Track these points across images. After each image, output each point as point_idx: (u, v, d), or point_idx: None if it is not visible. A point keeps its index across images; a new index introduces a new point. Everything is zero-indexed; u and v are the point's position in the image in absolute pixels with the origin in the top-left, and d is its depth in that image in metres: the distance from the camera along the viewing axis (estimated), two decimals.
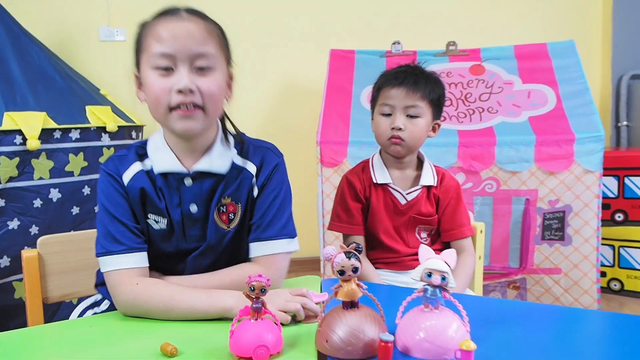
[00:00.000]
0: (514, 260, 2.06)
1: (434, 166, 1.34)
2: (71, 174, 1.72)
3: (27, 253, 1.13)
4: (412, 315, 0.71)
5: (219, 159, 0.94)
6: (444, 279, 0.68)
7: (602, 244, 2.39)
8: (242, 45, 2.77)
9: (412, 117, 1.26)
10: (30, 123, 1.58)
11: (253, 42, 2.77)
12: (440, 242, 1.34)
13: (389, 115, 1.27)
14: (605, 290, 2.42)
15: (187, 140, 0.92)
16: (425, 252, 0.71)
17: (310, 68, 2.81)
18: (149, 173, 0.92)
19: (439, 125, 1.33)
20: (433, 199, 1.31)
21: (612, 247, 2.40)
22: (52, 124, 1.65)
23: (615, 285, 2.42)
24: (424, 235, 1.32)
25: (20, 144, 1.58)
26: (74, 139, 1.72)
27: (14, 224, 1.59)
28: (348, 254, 0.69)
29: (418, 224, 1.31)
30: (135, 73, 0.93)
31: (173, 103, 0.86)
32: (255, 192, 0.96)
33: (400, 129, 1.24)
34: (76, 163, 1.74)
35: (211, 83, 0.87)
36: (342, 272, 0.69)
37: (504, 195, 2.02)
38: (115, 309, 0.89)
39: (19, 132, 1.57)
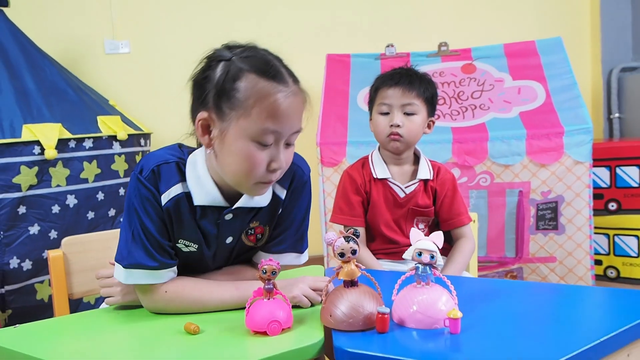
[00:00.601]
0: (510, 250, 2.14)
1: (430, 161, 1.43)
2: (86, 180, 1.82)
3: (53, 253, 1.23)
4: (406, 291, 0.80)
5: (262, 196, 0.93)
6: (432, 257, 0.77)
7: (597, 233, 2.47)
8: None
9: (408, 114, 1.35)
10: (48, 134, 1.68)
11: None
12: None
13: (387, 114, 1.36)
14: (602, 277, 2.50)
15: None
16: (415, 234, 0.80)
17: (307, 72, 2.87)
18: (189, 199, 0.90)
19: (433, 123, 1.42)
20: (430, 191, 1.40)
21: (607, 235, 2.48)
22: (67, 134, 1.75)
23: (611, 272, 2.50)
24: (421, 226, 1.41)
25: (39, 154, 1.67)
26: (87, 147, 1.82)
27: (34, 229, 1.68)
28: (347, 238, 0.78)
29: (416, 216, 1.40)
30: (205, 117, 0.86)
31: (265, 179, 0.86)
32: (280, 210, 0.98)
33: (398, 125, 1.34)
34: (90, 170, 1.83)
35: (292, 154, 0.90)
36: (342, 254, 0.78)
37: (498, 188, 2.11)
38: None
39: (37, 142, 1.67)
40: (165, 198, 0.89)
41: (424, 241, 0.78)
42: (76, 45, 2.71)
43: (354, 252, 0.78)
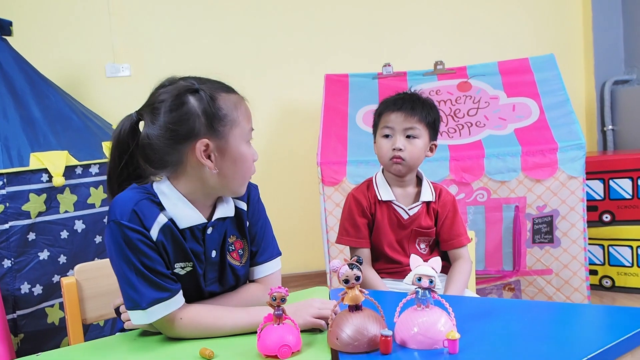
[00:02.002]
0: (507, 264, 2.19)
1: (432, 183, 1.48)
2: (93, 206, 1.86)
3: (66, 280, 1.27)
4: (407, 314, 0.85)
5: (229, 204, 1.04)
6: (431, 281, 0.82)
7: (592, 244, 2.53)
8: (240, 73, 2.95)
9: (410, 138, 1.41)
10: (55, 162, 1.73)
11: (250, 68, 2.93)
12: (438, 252, 1.48)
13: (390, 137, 1.42)
14: (598, 287, 2.55)
15: (215, 195, 1.01)
16: (414, 260, 0.85)
17: (306, 92, 2.96)
18: (174, 225, 0.95)
19: (435, 146, 1.48)
20: (432, 213, 1.45)
21: (602, 246, 2.54)
22: (74, 161, 1.80)
23: (606, 282, 2.55)
24: (423, 246, 1.46)
25: (47, 181, 1.72)
26: (93, 173, 1.87)
27: (44, 255, 1.73)
28: (351, 266, 0.83)
29: (418, 236, 1.45)
30: (206, 143, 0.94)
31: (253, 171, 1.03)
32: (247, 224, 1.07)
33: (400, 149, 1.39)
34: (97, 196, 1.88)
35: None
36: (346, 281, 0.83)
37: (494, 203, 2.16)
38: None
39: (45, 170, 1.72)
40: (154, 232, 0.93)
41: (423, 267, 0.83)
42: (78, 71, 2.78)
43: (357, 278, 0.83)
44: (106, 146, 1.98)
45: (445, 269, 1.47)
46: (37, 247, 1.72)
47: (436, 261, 0.85)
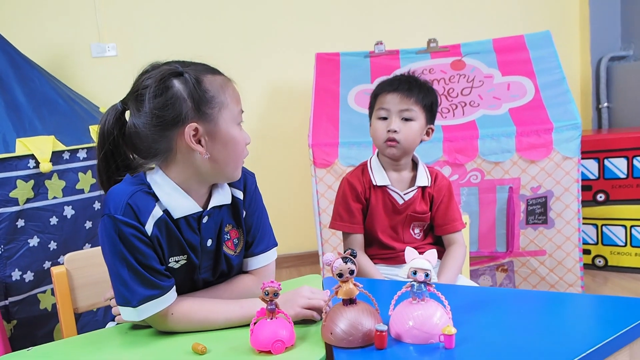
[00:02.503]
0: (501, 245, 2.19)
1: (427, 167, 1.46)
2: (82, 191, 1.83)
3: (56, 270, 1.25)
4: (402, 307, 0.84)
5: (225, 191, 1.02)
6: (427, 275, 0.81)
7: (586, 224, 2.54)
8: (229, 53, 2.88)
9: (406, 120, 1.38)
10: (41, 147, 1.69)
11: (239, 48, 2.86)
12: (432, 236, 1.47)
13: (385, 118, 1.39)
14: (590, 266, 2.57)
15: (209, 182, 0.99)
16: (410, 253, 0.84)
17: (297, 71, 2.91)
18: (169, 216, 0.93)
19: (432, 130, 1.45)
20: (427, 197, 1.43)
21: (595, 225, 2.55)
22: (61, 146, 1.76)
23: (599, 261, 2.57)
24: (417, 230, 1.45)
25: (34, 167, 1.68)
26: (81, 158, 1.83)
27: (34, 241, 1.70)
28: (345, 259, 0.82)
29: (413, 221, 1.43)
30: (195, 127, 0.91)
31: (246, 154, 1.00)
32: (244, 213, 1.05)
33: (395, 131, 1.36)
34: (85, 181, 1.85)
35: None
36: (340, 275, 0.81)
37: (488, 184, 2.15)
38: None
39: (32, 156, 1.68)
40: (149, 227, 0.91)
41: (418, 260, 0.82)
42: (62, 51, 2.70)
43: (351, 272, 0.81)
44: (93, 130, 1.94)
45: (440, 253, 1.47)
46: (26, 233, 1.69)
47: (432, 254, 0.84)
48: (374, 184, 1.42)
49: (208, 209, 0.98)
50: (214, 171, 0.96)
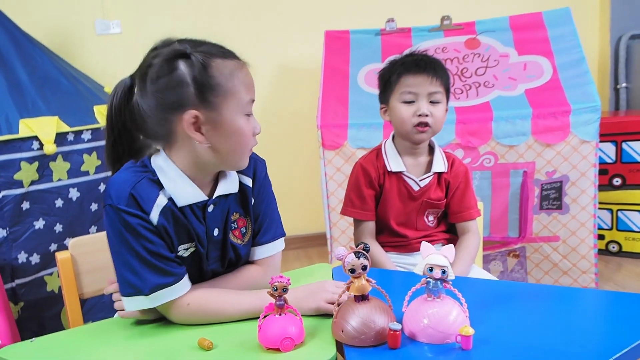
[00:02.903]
0: (513, 230, 2.15)
1: (444, 152, 1.41)
2: (87, 173, 1.80)
3: (60, 255, 1.23)
4: (416, 303, 0.80)
5: (232, 179, 0.97)
6: (444, 272, 0.77)
7: (601, 208, 2.48)
8: (236, 31, 2.81)
9: (434, 103, 1.32)
10: (45, 128, 1.65)
11: (246, 26, 2.79)
12: (445, 224, 1.43)
13: (412, 102, 1.32)
14: (604, 252, 2.52)
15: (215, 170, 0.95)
16: (426, 248, 0.79)
17: (305, 50, 2.84)
18: (174, 204, 0.90)
19: (447, 110, 1.39)
20: (444, 183, 1.38)
21: (610, 210, 2.49)
22: (65, 127, 1.72)
23: (613, 247, 2.52)
24: (431, 218, 1.41)
25: (38, 149, 1.65)
26: (86, 139, 1.80)
27: (39, 224, 1.68)
28: (357, 254, 0.78)
29: (428, 209, 1.39)
30: (195, 114, 0.86)
31: (253, 146, 0.95)
32: (252, 201, 1.01)
33: (427, 115, 1.30)
34: (90, 162, 1.81)
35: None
36: (353, 270, 0.78)
37: (502, 168, 2.09)
38: None
39: (35, 137, 1.64)
40: (154, 216, 0.88)
41: (435, 256, 0.78)
42: (66, 28, 2.64)
43: (364, 267, 0.78)
44: (98, 111, 1.90)
45: (453, 241, 1.43)
46: (31, 216, 1.67)
47: (449, 249, 0.80)
48: (389, 169, 1.37)
49: (214, 197, 0.94)
50: (217, 160, 0.91)
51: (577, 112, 2.03)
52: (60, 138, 1.71)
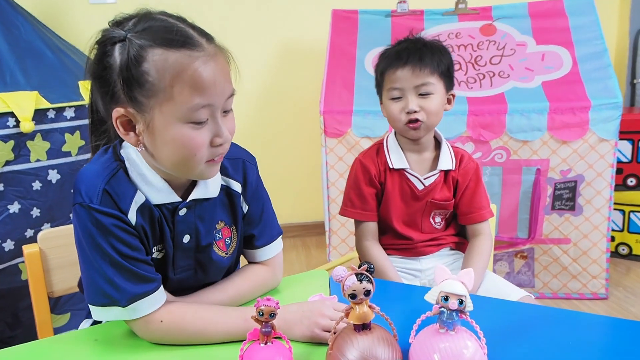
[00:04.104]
0: (522, 231, 2.03)
1: (452, 147, 1.29)
2: (69, 154, 1.67)
3: (28, 249, 1.11)
4: (426, 335, 0.69)
5: (213, 183, 0.84)
6: (461, 302, 0.65)
7: (613, 209, 2.35)
8: (237, 8, 2.64)
9: (424, 95, 1.19)
10: (22, 104, 1.52)
11: (248, 1, 2.63)
12: (454, 226, 1.31)
13: (399, 98, 1.20)
14: (613, 254, 2.41)
15: None
16: (441, 272, 0.67)
17: (310, 29, 2.69)
18: (146, 206, 0.79)
19: (453, 96, 1.26)
20: (451, 182, 1.26)
21: (623, 212, 2.37)
22: (45, 104, 1.58)
23: (623, 249, 2.41)
24: (438, 219, 1.29)
25: (14, 126, 1.52)
26: (68, 117, 1.66)
27: (14, 208, 1.56)
28: (360, 276, 0.65)
29: (434, 209, 1.27)
30: (122, 113, 0.73)
31: (214, 156, 0.76)
32: (245, 208, 0.90)
33: (415, 111, 1.18)
34: (73, 142, 1.68)
35: (234, 121, 0.79)
36: (353, 296, 0.66)
37: (514, 165, 1.97)
38: None
39: (12, 114, 1.51)
40: (132, 215, 0.77)
41: (451, 283, 0.66)
42: None
43: (367, 293, 0.65)
44: (83, 86, 1.76)
45: (461, 246, 1.31)
46: (6, 199, 1.54)
47: (468, 274, 0.67)
48: (390, 166, 1.24)
49: (187, 200, 0.82)
50: (165, 168, 0.78)
51: (597, 109, 1.90)
52: (40, 115, 1.58)
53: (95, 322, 1.02)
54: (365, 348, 0.65)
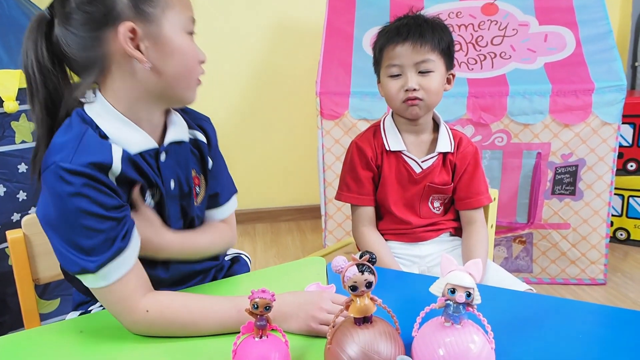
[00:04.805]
0: (521, 216, 2.00)
1: (451, 129, 1.24)
2: None
3: (11, 234, 1.06)
4: (430, 328, 0.65)
5: (182, 128, 0.88)
6: (469, 295, 0.61)
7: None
8: None
9: (424, 73, 1.14)
10: (5, 83, 1.45)
11: None
12: (454, 211, 1.27)
13: (399, 75, 1.15)
14: (611, 239, 2.39)
15: (159, 112, 0.84)
16: (447, 263, 0.63)
17: (306, 7, 2.61)
18: (129, 155, 0.78)
19: (453, 76, 1.22)
20: (449, 166, 1.22)
21: (622, 196, 2.34)
22: None
23: (621, 234, 2.39)
24: (437, 204, 1.25)
25: None
26: None
27: (0, 191, 1.51)
28: (361, 267, 0.61)
29: (432, 194, 1.23)
30: (132, 27, 0.73)
31: (199, 75, 0.82)
32: (210, 163, 0.95)
33: (414, 89, 1.13)
34: None
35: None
36: (354, 288, 0.61)
37: (514, 148, 1.92)
38: None
39: None
40: (117, 164, 0.75)
41: (458, 274, 0.62)
42: None
43: (369, 285, 0.61)
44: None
45: (458, 231, 1.27)
46: None
47: (476, 265, 0.63)
48: (387, 148, 1.20)
49: (165, 144, 0.84)
50: (161, 88, 0.79)
51: (600, 91, 1.85)
52: (24, 95, 1.51)
53: (83, 314, 0.98)
54: (367, 343, 0.62)
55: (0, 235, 1.53)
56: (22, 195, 1.55)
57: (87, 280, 0.74)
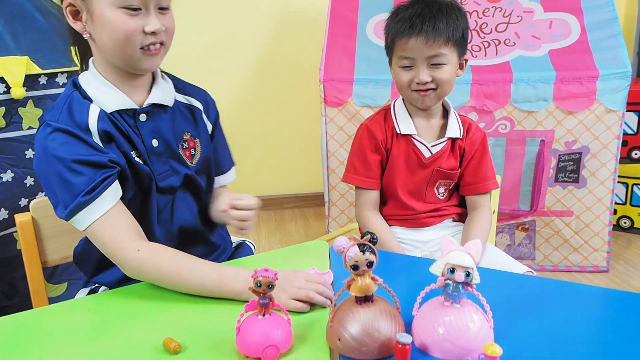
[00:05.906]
0: (524, 203, 2.00)
1: (460, 115, 1.25)
2: None
3: (20, 217, 1.08)
4: (430, 308, 0.66)
5: (166, 92, 0.95)
6: (468, 274, 0.62)
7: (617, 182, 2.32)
8: None
9: (436, 65, 1.13)
10: (12, 70, 1.46)
11: None
12: (457, 197, 1.28)
13: (410, 67, 1.15)
14: (615, 227, 2.39)
15: (139, 76, 0.92)
16: (447, 244, 0.64)
17: None
18: (106, 113, 0.88)
19: (466, 61, 1.21)
20: (458, 151, 1.23)
21: (626, 184, 2.34)
22: (37, 69, 1.53)
23: (625, 222, 2.39)
24: (442, 190, 1.26)
25: (5, 93, 1.47)
26: (61, 84, 1.60)
27: (7, 176, 1.52)
28: (362, 247, 0.63)
29: (439, 179, 1.24)
30: (70, 2, 0.85)
31: (144, 43, 0.86)
32: (209, 128, 1.03)
33: (426, 82, 1.13)
34: None
35: (172, 21, 0.89)
36: (355, 267, 0.63)
37: (517, 136, 1.93)
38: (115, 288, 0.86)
39: (2, 79, 1.45)
40: (93, 122, 0.85)
41: (458, 254, 0.63)
42: None
43: (370, 264, 0.63)
44: (76, 52, 1.69)
45: (465, 216, 1.28)
46: None
47: (475, 246, 0.65)
48: (398, 132, 1.21)
49: (144, 106, 0.92)
50: (110, 57, 0.87)
51: (605, 78, 1.85)
52: (31, 81, 1.53)
53: (92, 292, 1.00)
54: (367, 321, 0.63)
55: (8, 220, 1.55)
56: (29, 181, 1.57)
57: (75, 224, 0.85)
